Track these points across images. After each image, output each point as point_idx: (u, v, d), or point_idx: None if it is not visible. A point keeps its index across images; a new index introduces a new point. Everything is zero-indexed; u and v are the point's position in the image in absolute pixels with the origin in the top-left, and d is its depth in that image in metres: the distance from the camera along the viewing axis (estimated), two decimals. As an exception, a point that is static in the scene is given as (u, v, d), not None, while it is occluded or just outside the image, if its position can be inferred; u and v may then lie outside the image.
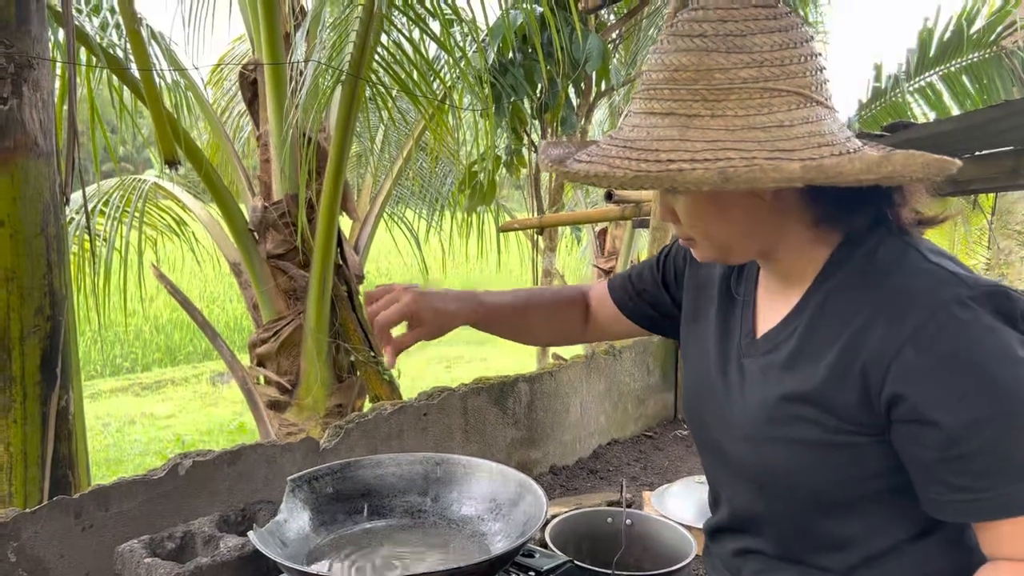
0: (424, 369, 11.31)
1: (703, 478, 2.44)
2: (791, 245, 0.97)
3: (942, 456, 0.85)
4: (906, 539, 0.96)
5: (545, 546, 1.60)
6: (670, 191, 0.95)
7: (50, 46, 2.35)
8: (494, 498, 1.46)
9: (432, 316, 1.21)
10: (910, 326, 0.85)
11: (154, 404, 10.23)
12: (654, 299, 1.28)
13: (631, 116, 0.91)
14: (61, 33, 3.27)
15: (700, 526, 2.20)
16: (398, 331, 1.20)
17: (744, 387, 1.02)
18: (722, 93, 0.83)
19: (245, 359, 4.93)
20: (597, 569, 1.55)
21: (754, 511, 1.05)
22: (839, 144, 0.84)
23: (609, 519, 1.82)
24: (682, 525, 1.82)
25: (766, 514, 1.03)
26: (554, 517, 1.79)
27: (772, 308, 1.04)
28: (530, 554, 1.37)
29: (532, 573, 1.35)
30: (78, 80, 3.13)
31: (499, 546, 1.34)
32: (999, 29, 6.65)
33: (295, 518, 1.39)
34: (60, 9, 2.64)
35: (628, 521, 1.80)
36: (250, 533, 1.25)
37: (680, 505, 2.29)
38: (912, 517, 0.94)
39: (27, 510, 1.43)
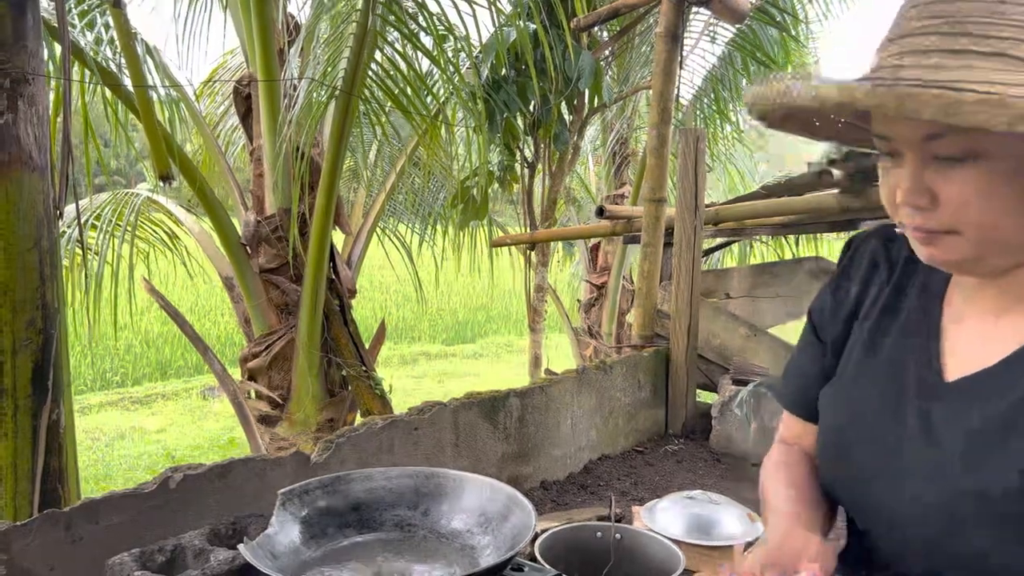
0: (416, 384, 11.29)
1: (693, 493, 2.45)
2: None
3: None
4: None
5: (534, 560, 1.61)
6: (954, 159, 0.73)
7: (45, 61, 2.37)
8: (483, 512, 1.47)
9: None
10: None
11: (144, 418, 10.18)
12: (829, 372, 1.02)
13: (911, 52, 0.74)
14: (57, 48, 3.29)
15: (689, 540, 2.21)
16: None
17: (932, 443, 0.81)
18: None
19: (236, 373, 4.93)
20: (586, 583, 1.56)
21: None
22: None
23: (598, 533, 1.83)
24: (671, 540, 1.83)
25: None
26: (544, 531, 1.80)
27: (975, 340, 0.83)
28: (519, 567, 1.38)
29: (521, 586, 1.35)
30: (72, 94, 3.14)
31: (488, 559, 1.35)
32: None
33: (285, 531, 1.40)
34: (56, 24, 2.66)
35: (617, 535, 1.81)
36: (240, 546, 1.26)
37: (669, 520, 2.30)
38: None
39: (18, 523, 1.43)
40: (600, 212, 4.53)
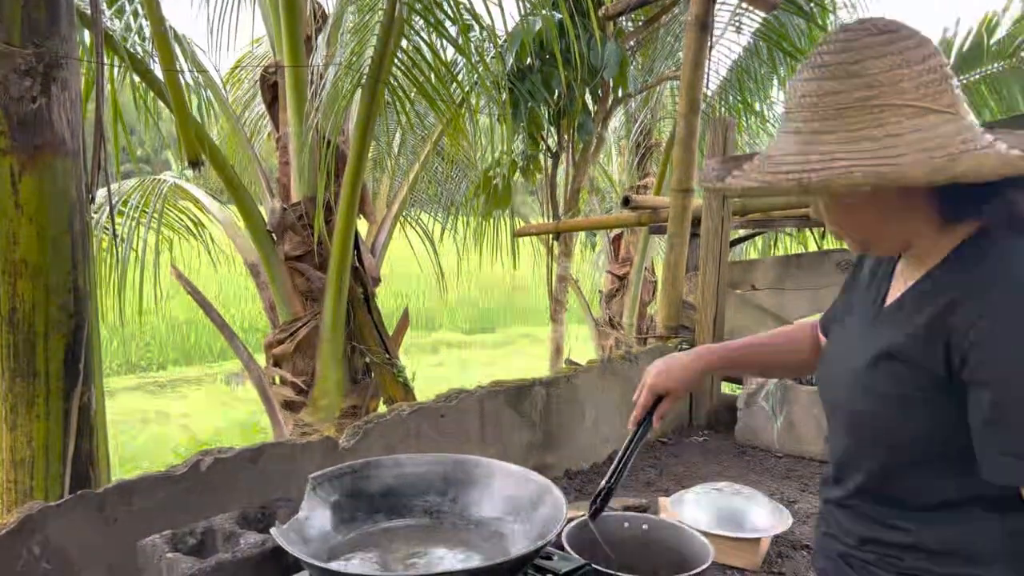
0: (437, 372, 11.33)
1: (718, 485, 2.44)
2: (924, 237, 1.09)
3: (989, 417, 0.96)
4: (973, 499, 1.04)
5: (562, 549, 1.60)
6: (842, 201, 1.09)
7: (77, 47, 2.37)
8: (513, 500, 1.46)
9: (676, 384, 1.45)
10: (994, 300, 0.96)
11: (169, 403, 10.30)
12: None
13: (777, 135, 1.07)
14: (87, 35, 3.31)
15: (716, 532, 2.19)
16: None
17: (862, 346, 1.15)
18: (837, 112, 0.98)
19: (261, 360, 4.96)
20: (614, 572, 1.55)
21: (846, 458, 1.19)
22: (953, 145, 0.94)
23: (625, 524, 1.82)
24: (698, 531, 1.82)
25: (854, 461, 1.17)
26: (570, 521, 1.79)
27: (900, 286, 1.16)
28: (548, 556, 1.38)
29: (550, 575, 1.35)
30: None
31: (518, 548, 1.35)
32: (1019, 40, 6.62)
33: (316, 516, 1.40)
34: (87, 11, 2.68)
35: (644, 526, 1.81)
36: (272, 530, 1.26)
37: (696, 511, 2.29)
38: (981, 481, 1.01)
39: (52, 503, 1.45)
40: (626, 202, 4.51)
